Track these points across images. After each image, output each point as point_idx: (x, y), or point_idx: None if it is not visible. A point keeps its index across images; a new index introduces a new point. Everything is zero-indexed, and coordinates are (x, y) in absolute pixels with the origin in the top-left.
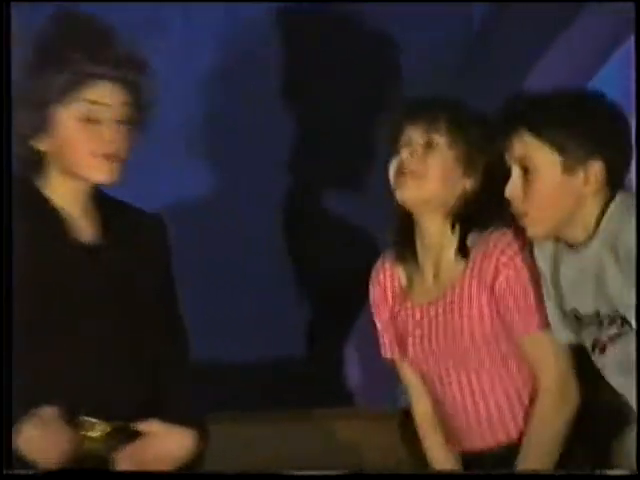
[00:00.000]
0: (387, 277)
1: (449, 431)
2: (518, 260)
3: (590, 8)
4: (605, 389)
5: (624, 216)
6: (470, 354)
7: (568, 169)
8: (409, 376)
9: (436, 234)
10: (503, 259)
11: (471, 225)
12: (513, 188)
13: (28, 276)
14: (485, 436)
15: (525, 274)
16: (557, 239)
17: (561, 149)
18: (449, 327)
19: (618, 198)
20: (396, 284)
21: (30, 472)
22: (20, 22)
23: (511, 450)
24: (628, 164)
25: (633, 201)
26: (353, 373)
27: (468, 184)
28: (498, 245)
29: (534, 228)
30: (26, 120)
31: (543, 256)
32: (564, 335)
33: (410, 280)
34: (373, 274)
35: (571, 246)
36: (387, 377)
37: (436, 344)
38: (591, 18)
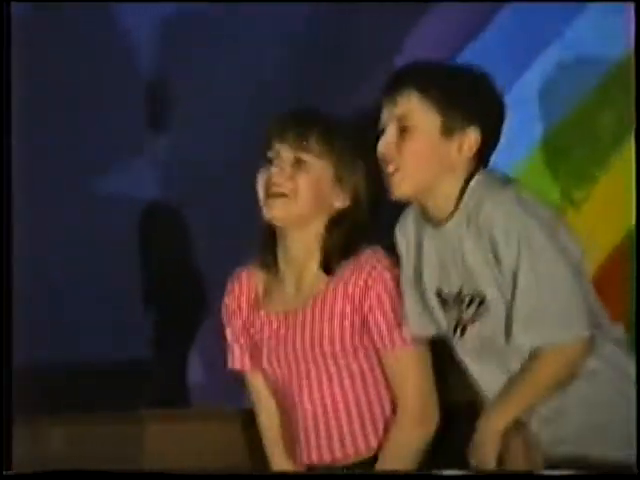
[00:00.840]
0: (243, 286)
1: (298, 443)
2: (388, 276)
3: None
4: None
5: (485, 192)
6: (327, 366)
7: (446, 132)
8: (257, 387)
9: (301, 248)
10: (373, 274)
11: (339, 244)
12: (386, 144)
13: None
14: (334, 450)
15: (394, 290)
16: (420, 216)
17: (443, 111)
18: (307, 337)
19: (481, 175)
20: (252, 294)
21: (30, 472)
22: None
23: (361, 466)
24: (498, 142)
25: (494, 180)
26: (196, 376)
27: (338, 202)
28: (369, 261)
29: (401, 187)
30: None
31: (404, 239)
32: (423, 328)
33: (268, 291)
34: (229, 283)
35: (433, 223)
36: (231, 382)
37: (292, 354)
38: None
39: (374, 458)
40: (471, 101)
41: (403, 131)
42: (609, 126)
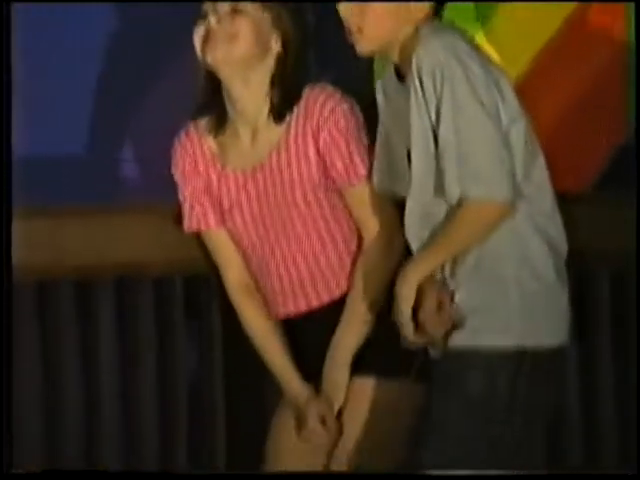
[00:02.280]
0: (196, 145)
1: (273, 296)
2: (340, 111)
3: None
4: None
5: (423, 40)
6: (299, 214)
7: None
8: (223, 244)
9: (249, 99)
10: (325, 112)
11: (285, 88)
12: (347, 4)
13: None
14: (310, 298)
15: (349, 124)
16: (394, 72)
17: None
18: (278, 188)
19: (428, 25)
20: (207, 152)
21: (30, 472)
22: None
23: (335, 310)
24: None
25: (438, 28)
26: (129, 172)
27: (279, 46)
28: (319, 99)
29: (364, 45)
30: None
31: (382, 93)
32: (384, 185)
33: (222, 148)
34: (177, 146)
35: (401, 78)
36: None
37: (266, 208)
38: None
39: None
40: None
41: None
42: None
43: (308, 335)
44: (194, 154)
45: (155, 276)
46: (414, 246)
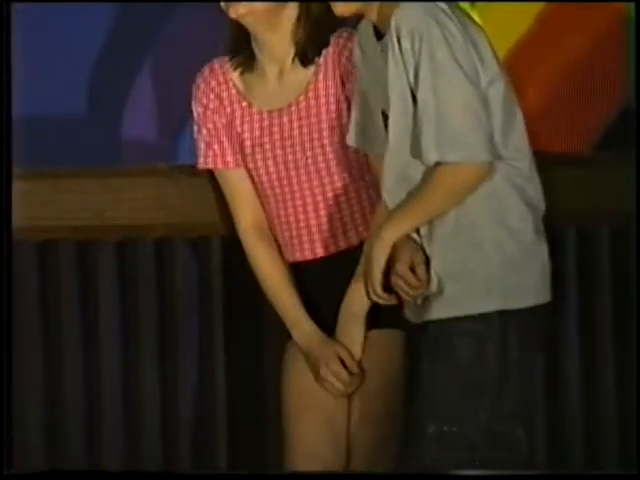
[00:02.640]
0: (221, 82)
1: (289, 240)
2: None
3: None
4: None
5: (406, 4)
6: (325, 159)
7: None
8: (238, 186)
9: (276, 42)
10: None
11: (311, 32)
12: None
13: None
14: (327, 244)
15: None
16: (372, 31)
17: None
18: (305, 130)
19: None
20: (232, 89)
21: (30, 472)
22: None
23: (351, 258)
24: None
25: None
26: (130, 133)
27: None
28: (347, 45)
29: (339, 6)
30: None
31: (360, 51)
32: (361, 143)
33: (249, 87)
34: (199, 81)
35: (379, 38)
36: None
37: (290, 150)
38: None
39: (360, 247)
40: None
41: None
42: None
43: (322, 282)
44: (219, 90)
45: (156, 237)
46: (391, 206)
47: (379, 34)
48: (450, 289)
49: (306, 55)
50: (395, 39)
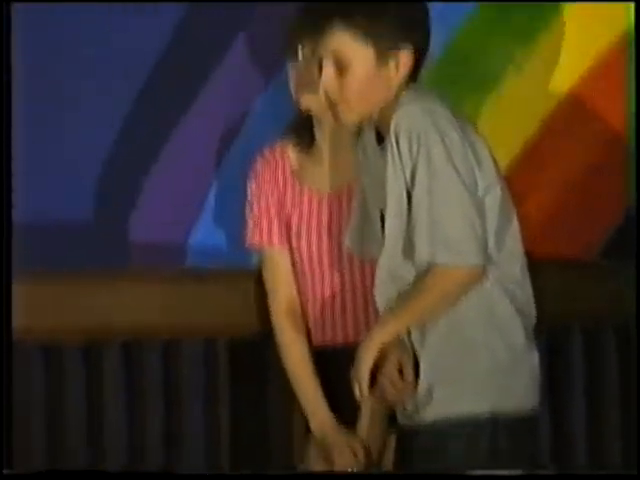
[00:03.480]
0: (278, 160)
1: (315, 321)
2: None
3: None
4: None
5: (402, 104)
6: None
7: (380, 59)
8: (279, 266)
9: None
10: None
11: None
12: (326, 81)
13: None
14: (359, 329)
15: None
16: (373, 132)
17: (374, 40)
18: (345, 218)
19: (409, 91)
20: (288, 169)
21: (30, 472)
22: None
23: None
24: (426, 52)
25: (417, 94)
26: (137, 236)
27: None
28: None
29: (346, 118)
30: None
31: (361, 151)
32: (356, 245)
33: (304, 167)
34: (259, 158)
35: (379, 140)
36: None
37: (336, 233)
38: None
39: None
40: (398, 18)
41: (340, 66)
42: None
43: (349, 368)
44: (275, 168)
45: (162, 340)
46: (381, 307)
47: (380, 135)
48: (440, 392)
49: None
50: (394, 140)
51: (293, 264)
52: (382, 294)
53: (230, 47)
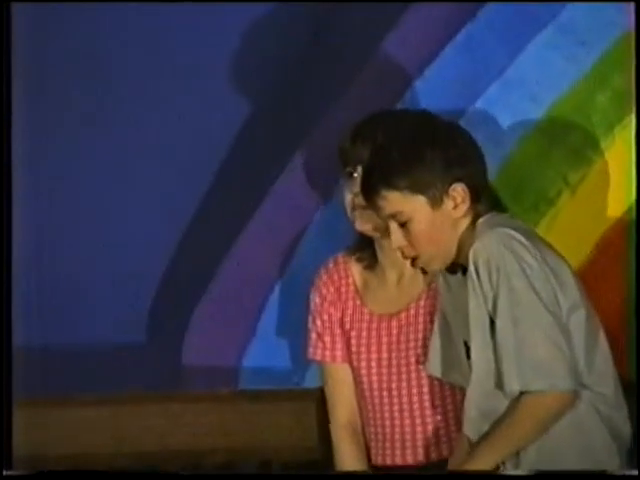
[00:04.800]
0: (342, 276)
1: (372, 442)
2: None
3: None
4: None
5: (479, 234)
6: (416, 372)
7: (435, 204)
8: (340, 380)
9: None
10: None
11: None
12: (396, 240)
13: None
14: (418, 453)
15: None
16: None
17: (421, 190)
18: (412, 337)
19: (482, 220)
20: (351, 286)
21: (30, 472)
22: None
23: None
24: (484, 179)
25: (492, 222)
26: (191, 359)
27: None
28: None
29: (430, 266)
30: None
31: (444, 283)
32: (438, 371)
33: (367, 285)
34: (323, 272)
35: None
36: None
37: (395, 354)
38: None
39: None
40: (439, 167)
41: (402, 224)
42: (604, 109)
43: None
44: (339, 284)
45: (217, 463)
46: (472, 437)
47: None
48: None
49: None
50: (474, 270)
51: (354, 382)
52: (474, 426)
53: (291, 161)
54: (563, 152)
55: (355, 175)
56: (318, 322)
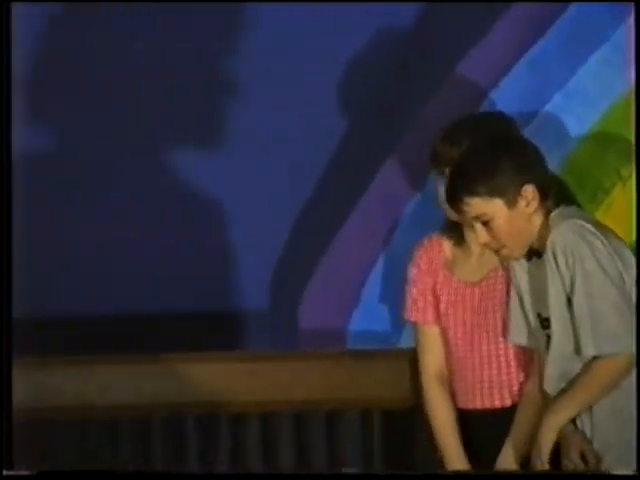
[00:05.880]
0: (435, 250)
1: (458, 390)
2: None
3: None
4: None
5: (554, 225)
6: (496, 327)
7: (511, 204)
8: (431, 338)
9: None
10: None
11: None
12: (481, 237)
13: None
14: (494, 399)
15: None
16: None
17: (497, 193)
18: (489, 302)
19: (555, 213)
20: (442, 258)
21: (30, 472)
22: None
23: (505, 415)
24: (547, 172)
25: (564, 214)
26: (306, 323)
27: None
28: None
29: (511, 255)
30: None
31: (517, 266)
32: (521, 339)
33: (455, 259)
34: (420, 247)
35: (535, 256)
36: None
37: (476, 316)
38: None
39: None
40: (512, 173)
41: (485, 222)
42: None
43: (483, 430)
44: (432, 256)
45: (327, 412)
46: (551, 393)
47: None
48: (607, 457)
49: None
50: (552, 256)
51: (443, 340)
52: (553, 387)
53: (386, 162)
54: (616, 151)
55: (445, 173)
56: (414, 289)
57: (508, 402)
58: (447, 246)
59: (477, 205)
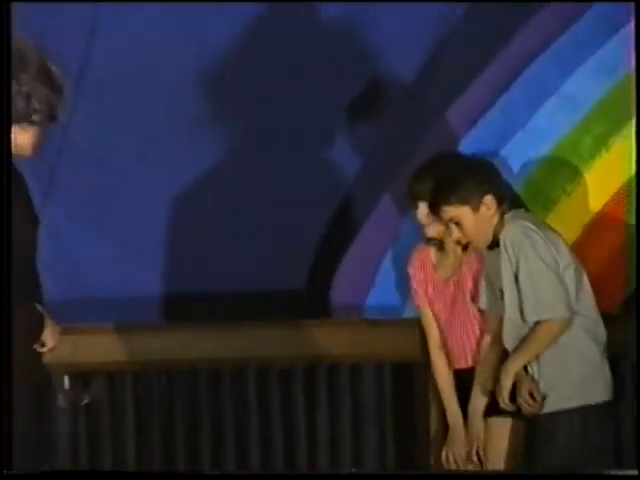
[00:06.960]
0: (425, 254)
1: (450, 351)
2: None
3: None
4: None
5: (506, 224)
6: (472, 309)
7: (475, 210)
8: (428, 317)
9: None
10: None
11: None
12: (455, 235)
13: None
14: (468, 359)
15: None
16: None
17: (465, 202)
18: (461, 290)
19: (508, 215)
20: (429, 260)
21: (30, 472)
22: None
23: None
24: (502, 184)
25: (514, 215)
26: (335, 297)
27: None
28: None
29: (478, 247)
30: None
31: (484, 255)
32: (486, 306)
33: (438, 260)
34: (414, 251)
35: (492, 247)
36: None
37: (453, 302)
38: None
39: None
40: (474, 187)
41: (457, 224)
42: (588, 146)
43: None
44: (422, 258)
45: (348, 365)
46: (510, 348)
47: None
48: (552, 394)
49: (465, 246)
50: (503, 247)
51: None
52: (510, 344)
53: (381, 200)
54: (563, 172)
55: (420, 207)
56: (414, 283)
57: (464, 364)
58: (431, 252)
59: (451, 211)
